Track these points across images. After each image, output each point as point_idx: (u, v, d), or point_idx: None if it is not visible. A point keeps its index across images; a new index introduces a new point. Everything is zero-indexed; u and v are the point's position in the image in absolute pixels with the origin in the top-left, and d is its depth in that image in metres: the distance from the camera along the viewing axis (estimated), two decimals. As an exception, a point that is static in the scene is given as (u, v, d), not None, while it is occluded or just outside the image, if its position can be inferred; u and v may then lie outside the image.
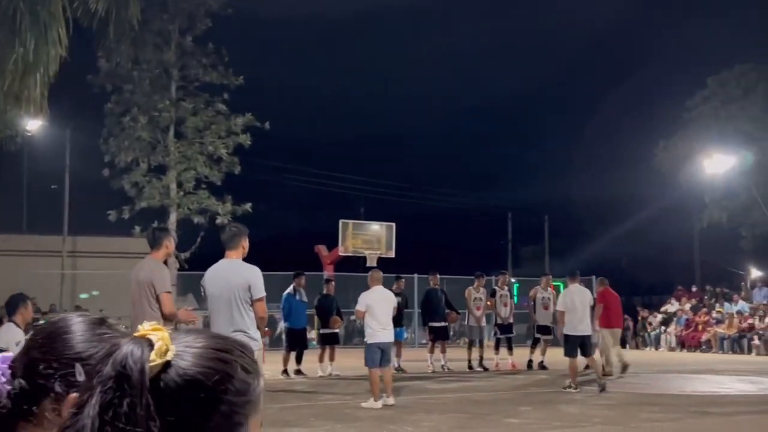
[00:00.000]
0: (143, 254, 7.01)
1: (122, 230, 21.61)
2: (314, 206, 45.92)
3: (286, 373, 13.76)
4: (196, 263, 20.92)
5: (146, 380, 0.92)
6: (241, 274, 5.65)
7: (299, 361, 14.03)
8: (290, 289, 14.19)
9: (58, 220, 26.39)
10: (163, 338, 0.96)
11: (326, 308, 14.43)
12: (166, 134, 21.17)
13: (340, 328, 15.27)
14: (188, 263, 20.98)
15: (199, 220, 20.74)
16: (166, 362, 0.94)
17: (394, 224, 24.84)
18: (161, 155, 20.84)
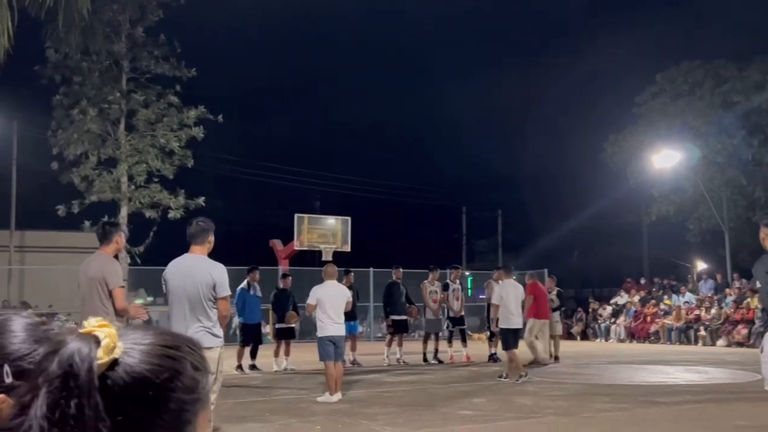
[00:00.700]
0: (93, 249, 6.88)
1: (72, 225, 21.15)
2: (269, 200, 45.59)
3: (240, 368, 13.65)
4: (147, 258, 20.58)
5: (95, 379, 0.89)
6: (207, 270, 5.53)
7: (254, 356, 13.93)
8: (244, 284, 14.07)
9: (5, 214, 25.75)
10: (110, 335, 0.92)
11: (282, 303, 14.35)
12: (116, 127, 20.75)
13: (296, 323, 15.21)
14: (140, 258, 20.62)
15: (150, 214, 20.39)
16: (113, 360, 0.91)
17: (349, 218, 24.81)
18: (112, 148, 20.42)
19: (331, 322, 9.55)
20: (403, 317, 15.28)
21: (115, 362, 0.91)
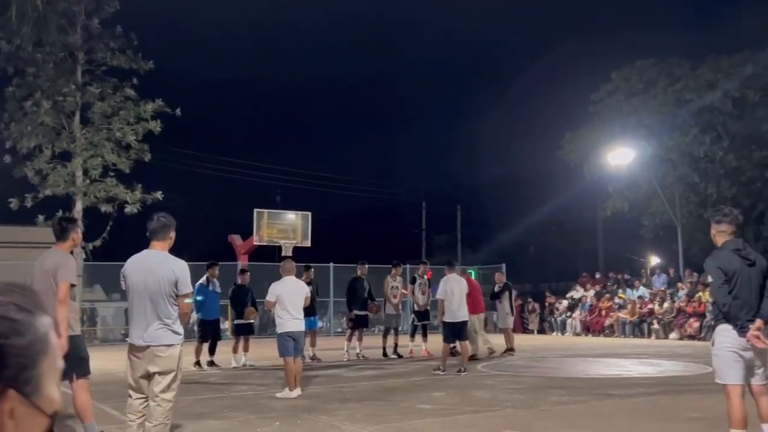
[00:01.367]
0: (48, 244, 6.80)
1: (25, 219, 20.68)
2: (228, 195, 45.19)
3: (198, 364, 13.53)
4: (103, 253, 20.25)
5: None
6: (169, 267, 5.44)
7: (212, 352, 13.81)
8: (203, 279, 13.94)
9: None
10: None
11: (240, 299, 14.25)
12: (71, 120, 20.34)
13: (255, 318, 15.11)
14: (95, 253, 20.27)
15: (106, 208, 20.05)
16: None
17: (310, 214, 24.73)
18: (66, 141, 20.01)
19: (290, 318, 9.54)
20: (364, 312, 15.33)
21: None
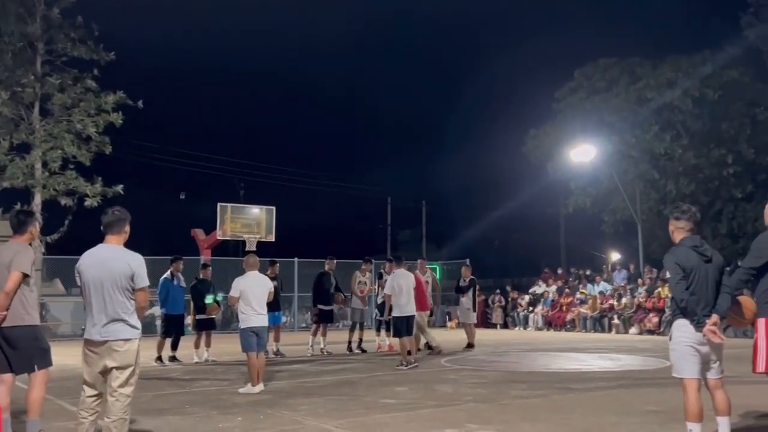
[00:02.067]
0: (6, 237, 6.75)
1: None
2: (191, 189, 44.73)
3: (160, 360, 13.40)
4: (62, 247, 19.90)
5: None
6: (124, 261, 5.38)
7: (175, 347, 13.68)
8: (167, 274, 13.81)
9: None
10: None
11: (202, 294, 14.11)
12: (30, 111, 19.92)
13: (217, 314, 15.00)
14: (54, 247, 19.91)
15: (66, 201, 19.68)
16: None
17: (274, 208, 24.60)
18: (25, 133, 19.58)
19: (254, 313, 9.48)
20: (329, 307, 15.30)
21: None
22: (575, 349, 16.09)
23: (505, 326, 26.39)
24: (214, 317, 14.65)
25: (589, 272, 27.23)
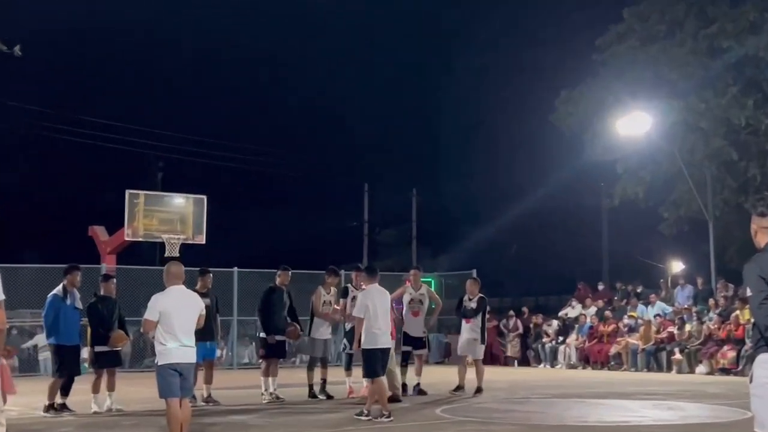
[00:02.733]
0: None
1: None
2: (89, 170, 44.35)
3: (53, 408, 13.29)
4: None
5: None
6: None
7: (66, 391, 13.58)
8: (59, 289, 13.66)
9: None
10: None
11: (103, 317, 14.00)
12: None
13: (124, 345, 14.92)
14: None
15: None
16: None
17: (205, 197, 24.50)
18: None
19: (177, 344, 9.36)
20: (281, 338, 15.25)
21: None
22: (621, 394, 16.17)
23: (524, 362, 26.44)
24: (119, 349, 14.56)
25: (640, 289, 27.30)
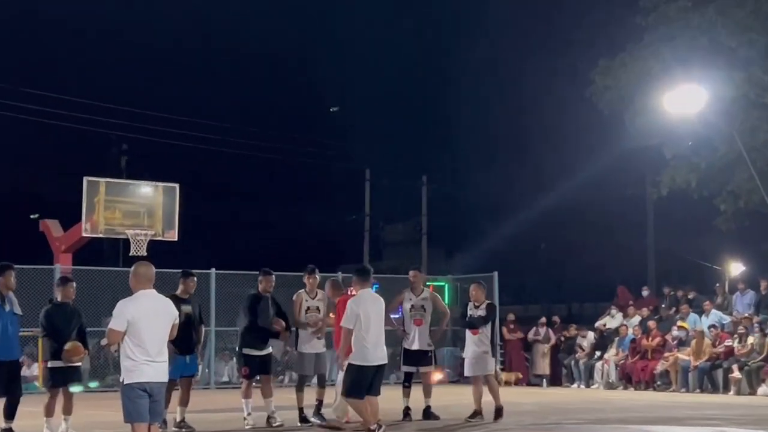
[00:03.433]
0: None
1: None
2: (38, 154, 44.47)
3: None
4: None
5: None
6: None
7: (10, 415, 13.63)
8: (-6, 293, 13.72)
9: None
10: None
11: (59, 327, 14.04)
12: None
13: (81, 360, 14.97)
14: None
15: None
16: None
17: (177, 186, 24.54)
18: None
19: (146, 359, 9.36)
20: (262, 352, 15.17)
21: None
22: (670, 419, 16.22)
23: (555, 381, 26.49)
24: (78, 365, 14.60)
25: (692, 295, 27.34)
